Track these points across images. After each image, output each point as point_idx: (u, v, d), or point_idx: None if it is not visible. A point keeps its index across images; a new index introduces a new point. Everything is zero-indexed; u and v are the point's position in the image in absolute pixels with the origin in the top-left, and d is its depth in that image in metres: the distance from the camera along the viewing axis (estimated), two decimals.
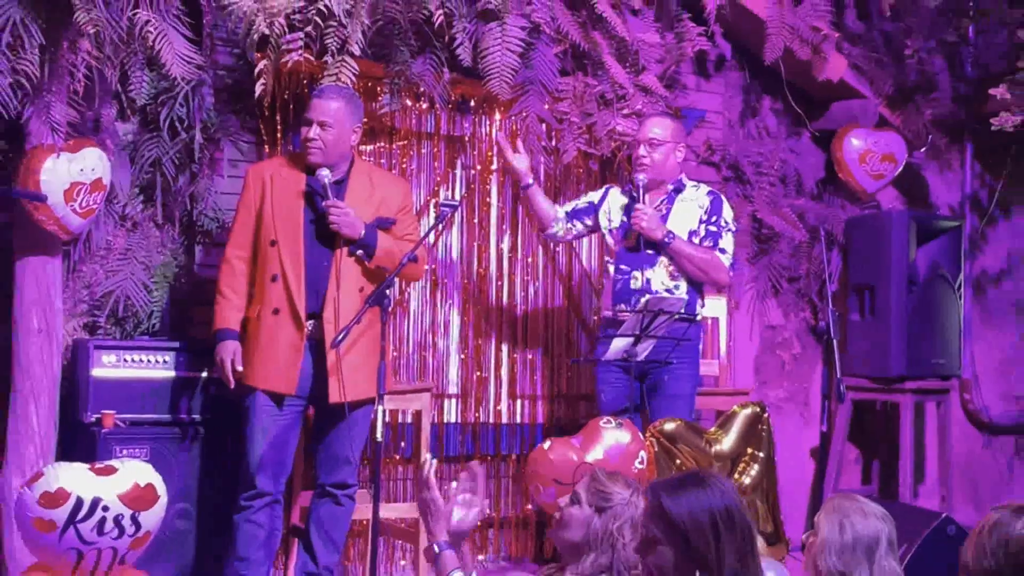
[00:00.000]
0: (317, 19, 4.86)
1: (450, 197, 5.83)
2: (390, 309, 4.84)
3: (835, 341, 5.17)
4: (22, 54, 4.41)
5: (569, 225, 5.43)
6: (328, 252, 4.58)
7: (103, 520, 3.83)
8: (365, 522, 5.03)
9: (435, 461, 3.26)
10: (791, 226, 6.65)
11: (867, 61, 6.81)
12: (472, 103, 5.91)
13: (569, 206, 5.47)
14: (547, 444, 4.56)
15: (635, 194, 5.21)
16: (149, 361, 4.85)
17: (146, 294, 5.12)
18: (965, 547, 3.02)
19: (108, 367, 4.79)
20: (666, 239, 5.10)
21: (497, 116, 5.99)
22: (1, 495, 4.71)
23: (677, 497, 2.66)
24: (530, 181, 5.40)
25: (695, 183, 5.39)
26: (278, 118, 5.37)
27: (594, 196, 5.48)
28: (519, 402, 6.07)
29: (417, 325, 5.85)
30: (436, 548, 3.18)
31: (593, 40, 5.76)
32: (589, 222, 5.42)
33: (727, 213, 5.26)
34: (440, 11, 5.05)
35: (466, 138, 5.96)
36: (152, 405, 4.82)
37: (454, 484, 3.25)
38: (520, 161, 5.37)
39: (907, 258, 6.58)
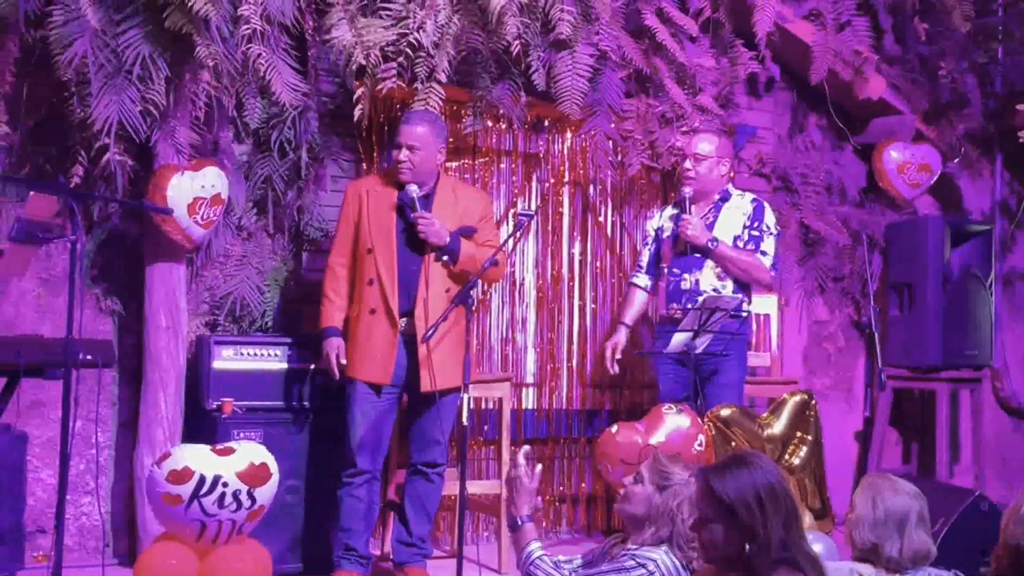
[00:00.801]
0: (408, 50, 4.89)
1: (527, 208, 5.84)
2: (474, 308, 4.86)
3: (876, 335, 5.10)
4: (151, 85, 4.49)
5: (649, 279, 5.39)
6: (418, 258, 4.60)
7: (223, 495, 3.88)
8: (453, 497, 5.05)
9: (528, 449, 3.36)
10: (835, 231, 6.58)
11: (904, 81, 6.70)
12: (546, 123, 5.91)
13: (645, 263, 5.39)
14: (614, 428, 4.55)
15: (682, 205, 5.18)
16: (263, 354, 4.88)
17: (260, 295, 5.18)
18: (1005, 521, 2.98)
19: (227, 360, 4.84)
20: (710, 244, 5.07)
21: (569, 134, 5.99)
22: (135, 472, 4.80)
23: (724, 478, 2.65)
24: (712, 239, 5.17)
25: (741, 192, 5.34)
26: (374, 139, 5.40)
27: (651, 226, 5.43)
28: (589, 390, 6.07)
29: (498, 322, 5.87)
30: (519, 521, 3.22)
31: (654, 65, 5.73)
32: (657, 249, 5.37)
33: (769, 218, 5.21)
34: (517, 41, 5.05)
35: (541, 155, 5.95)
36: (266, 393, 4.85)
37: (539, 466, 3.30)
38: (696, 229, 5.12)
39: (942, 259, 6.46)
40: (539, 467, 3.30)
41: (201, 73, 4.62)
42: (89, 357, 3.57)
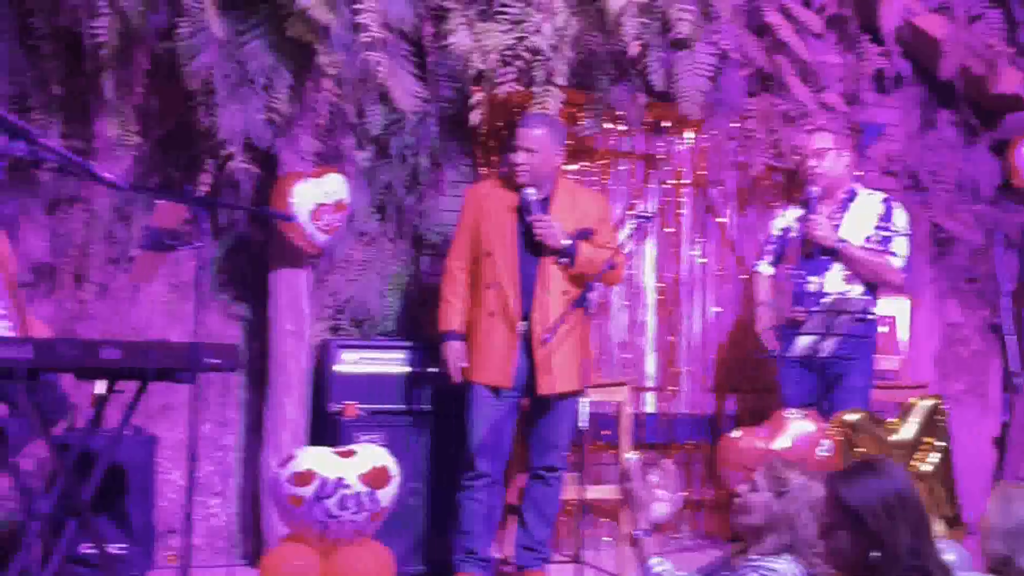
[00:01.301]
0: (526, 54, 4.91)
1: (645, 210, 5.80)
2: (592, 311, 4.85)
3: (1012, 336, 4.93)
4: (274, 94, 4.59)
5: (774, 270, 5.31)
6: (536, 261, 4.61)
7: (345, 497, 3.94)
8: (573, 502, 5.05)
9: (639, 458, 3.27)
10: (968, 230, 6.37)
11: None
12: (666, 124, 5.86)
13: (770, 259, 5.31)
14: (736, 433, 4.50)
15: (809, 205, 5.08)
16: (384, 358, 4.95)
17: (381, 300, 5.25)
18: (981, 539, 2.88)
19: (349, 364, 4.92)
20: (838, 245, 4.97)
21: (689, 135, 5.93)
22: (261, 474, 4.91)
23: (851, 485, 2.59)
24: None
25: (869, 191, 5.22)
26: (492, 143, 5.43)
27: (775, 228, 5.34)
28: (711, 394, 6.01)
29: (617, 325, 5.85)
30: (638, 535, 3.18)
31: (777, 63, 5.65)
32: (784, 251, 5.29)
33: (899, 218, 5.08)
34: (636, 42, 5.03)
35: (660, 156, 5.91)
36: (387, 397, 4.92)
37: (654, 478, 3.24)
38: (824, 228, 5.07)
39: None
40: (655, 478, 3.23)
41: (323, 81, 4.70)
42: (216, 361, 3.64)
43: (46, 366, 3.16)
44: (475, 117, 4.97)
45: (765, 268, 5.30)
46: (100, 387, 3.85)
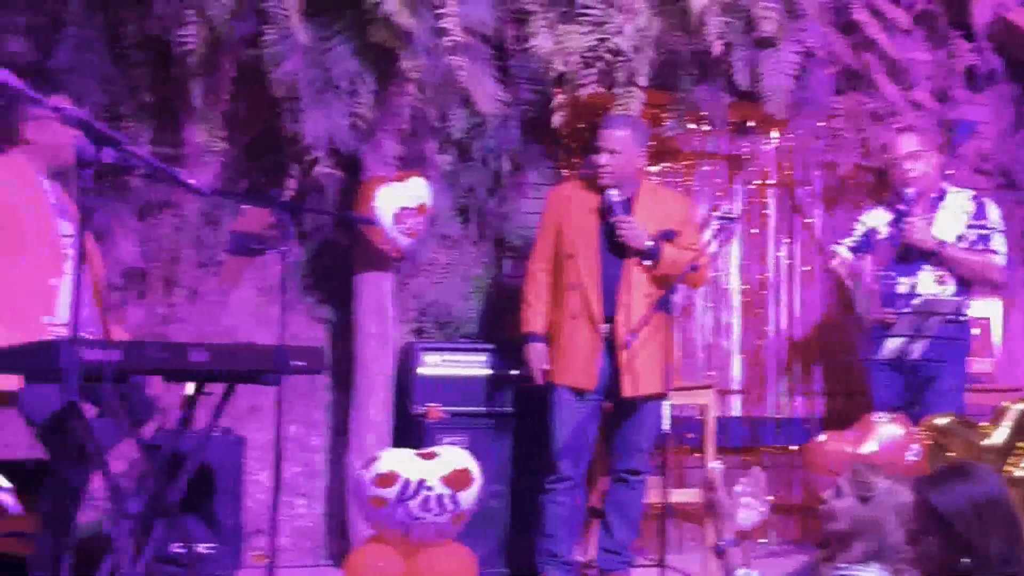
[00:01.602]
0: (607, 56, 4.90)
1: (730, 211, 5.73)
2: (676, 313, 4.81)
3: None
4: (358, 99, 4.64)
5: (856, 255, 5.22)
6: (619, 262, 4.59)
7: (427, 499, 3.97)
8: (657, 505, 5.01)
9: (722, 466, 3.22)
10: None
11: None
12: (750, 124, 5.80)
13: (850, 242, 5.23)
14: (823, 437, 4.44)
15: (903, 207, 4.98)
16: (467, 361, 4.97)
17: (464, 303, 5.28)
18: None
19: (432, 366, 4.94)
20: (938, 248, 4.87)
21: (774, 135, 5.87)
22: (347, 476, 4.96)
23: (940, 490, 2.54)
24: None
25: (957, 189, 5.11)
26: (574, 145, 5.42)
27: (864, 220, 5.25)
28: (798, 397, 5.93)
29: (702, 327, 5.80)
30: (723, 545, 3.14)
31: (865, 61, 5.56)
32: (868, 249, 5.20)
33: (993, 214, 4.97)
34: (719, 41, 4.98)
35: (745, 156, 5.86)
36: (470, 399, 4.93)
37: (738, 488, 3.19)
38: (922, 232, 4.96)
39: None
40: (738, 487, 3.16)
41: (406, 86, 4.74)
42: (301, 364, 3.69)
43: (134, 368, 3.22)
44: (557, 119, 4.97)
45: (844, 251, 5.20)
46: (189, 389, 3.93)
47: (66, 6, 4.61)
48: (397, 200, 4.75)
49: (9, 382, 3.46)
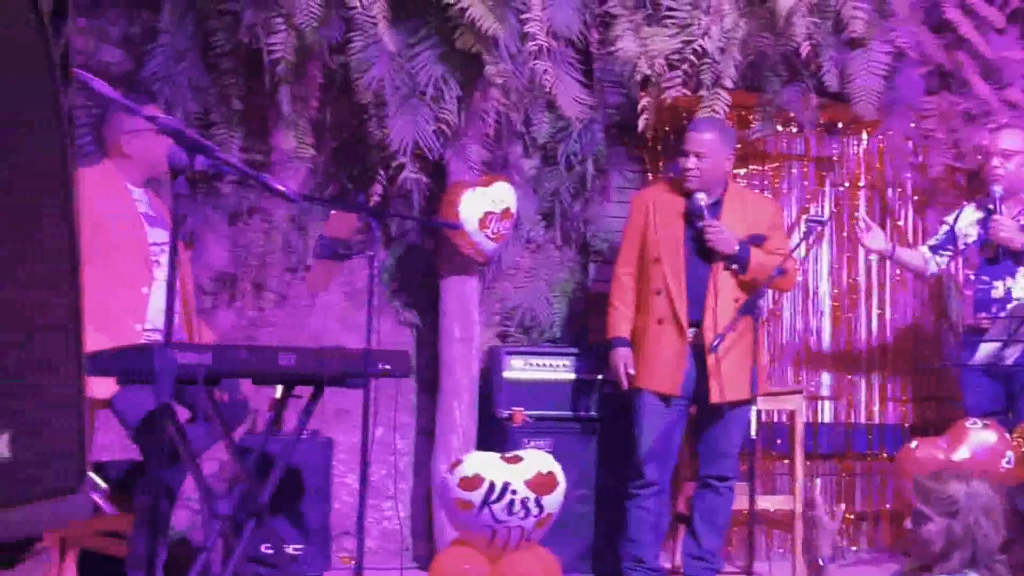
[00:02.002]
0: (693, 58, 4.86)
1: (819, 213, 5.67)
2: (763, 318, 4.77)
3: None
4: (443, 104, 4.68)
5: (938, 258, 5.12)
6: (706, 267, 4.56)
7: (512, 502, 3.99)
8: (744, 512, 4.97)
9: (819, 485, 3.19)
10: None
11: None
12: (839, 125, 5.73)
13: (932, 241, 5.15)
14: (914, 444, 4.36)
15: (991, 206, 4.88)
16: (551, 365, 4.97)
17: (548, 307, 5.29)
18: None
19: (517, 370, 4.96)
20: None
21: (864, 136, 5.78)
22: (433, 479, 5.00)
23: None
24: (889, 249, 5.11)
25: None
26: (659, 148, 5.41)
27: (948, 219, 5.16)
28: (889, 403, 5.83)
29: (791, 332, 5.74)
30: (821, 562, 3.10)
31: (957, 60, 5.45)
32: (951, 249, 5.11)
33: None
34: (807, 42, 4.92)
35: (834, 158, 5.78)
36: (554, 403, 4.93)
37: (842, 506, 3.14)
38: (875, 241, 5.08)
39: None
40: (841, 507, 3.12)
41: (490, 91, 4.77)
42: (387, 367, 3.74)
43: (225, 371, 3.28)
44: (642, 123, 4.95)
45: (925, 250, 5.12)
46: (278, 392, 4.00)
47: (159, 16, 4.71)
48: (482, 205, 4.78)
49: (101, 389, 3.56)
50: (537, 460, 4.12)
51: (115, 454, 4.45)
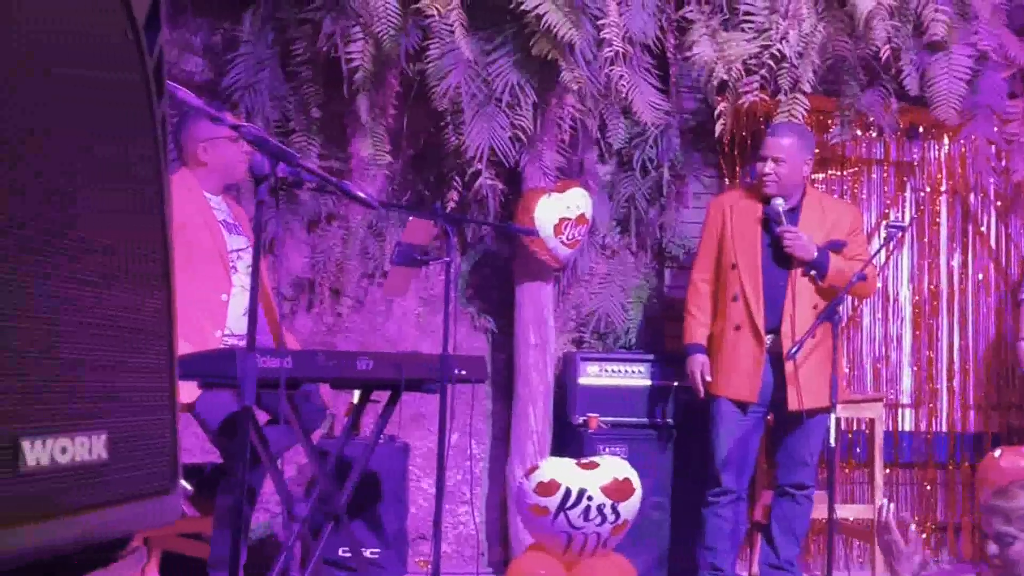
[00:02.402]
0: (770, 62, 4.83)
1: (899, 219, 5.59)
2: (842, 325, 4.71)
3: None
4: (519, 111, 4.70)
5: None
6: (784, 273, 4.52)
7: (588, 508, 3.98)
8: (823, 521, 4.92)
9: (892, 506, 3.11)
10: None
11: None
12: (920, 129, 5.65)
13: None
14: (997, 452, 4.29)
15: None
16: (627, 371, 4.98)
17: (623, 313, 5.28)
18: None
19: (592, 376, 4.97)
20: None
21: (946, 140, 5.70)
22: (508, 484, 5.02)
23: None
24: None
25: None
26: (736, 154, 5.38)
27: None
28: (972, 412, 5.73)
29: (871, 339, 5.67)
30: None
31: None
32: None
33: None
34: (887, 46, 4.87)
35: (915, 163, 5.71)
36: (630, 409, 4.94)
37: (912, 527, 3.07)
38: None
39: None
40: (912, 527, 3.04)
41: (566, 97, 4.78)
42: (463, 373, 3.76)
43: (305, 376, 3.32)
44: (719, 128, 4.93)
45: None
46: (356, 397, 4.04)
47: (239, 26, 4.79)
48: (557, 211, 4.79)
49: (184, 394, 3.62)
50: (613, 466, 4.11)
51: (195, 457, 4.54)
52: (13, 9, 1.17)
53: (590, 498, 3.98)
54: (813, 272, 4.48)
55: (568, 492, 3.98)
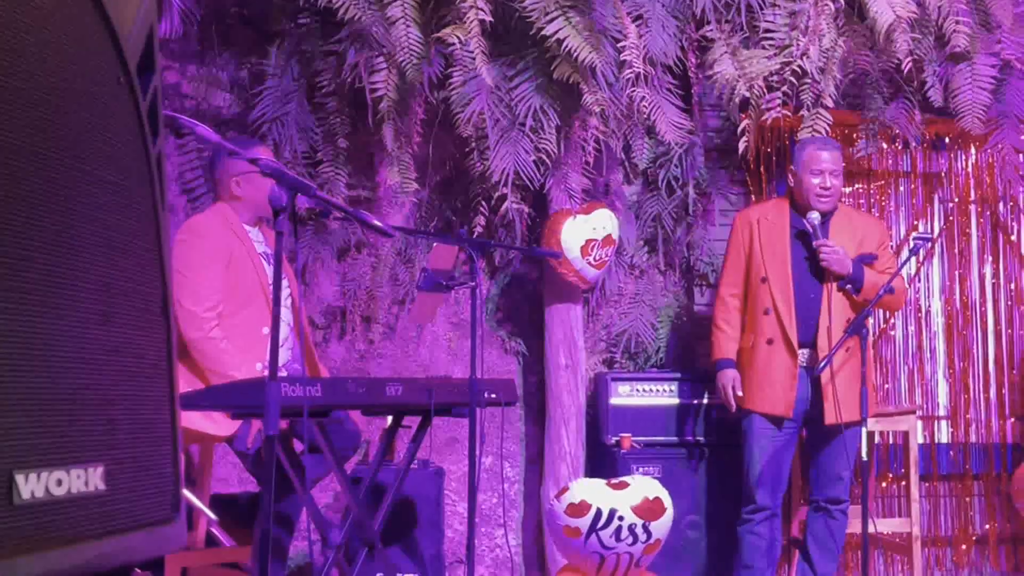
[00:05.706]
0: (792, 78, 4.79)
1: (927, 231, 5.52)
2: (871, 338, 4.65)
3: None
4: (542, 134, 4.68)
5: None
6: (817, 286, 4.46)
7: (619, 528, 3.95)
8: (859, 535, 4.84)
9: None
10: None
11: None
12: (946, 140, 5.59)
13: None
14: None
15: None
16: (657, 390, 4.94)
17: (653, 332, 5.25)
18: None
19: (623, 396, 4.94)
20: None
21: (972, 150, 5.63)
22: (543, 506, 4.98)
23: None
24: None
25: None
26: (761, 170, 5.35)
27: None
28: (1009, 422, 5.63)
29: (904, 351, 5.59)
30: None
31: None
32: None
33: None
34: (909, 58, 4.82)
35: (943, 174, 5.64)
36: (661, 428, 4.90)
37: None
38: None
39: None
40: None
41: (589, 119, 4.76)
42: (494, 396, 3.75)
43: (334, 404, 3.32)
44: (743, 145, 4.89)
45: None
46: (388, 422, 4.03)
47: (266, 60, 4.82)
48: (583, 232, 4.77)
49: (223, 428, 3.64)
50: (643, 486, 4.08)
51: (231, 487, 4.54)
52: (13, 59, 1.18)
53: (621, 518, 3.95)
54: (848, 286, 4.42)
55: (599, 513, 3.94)
